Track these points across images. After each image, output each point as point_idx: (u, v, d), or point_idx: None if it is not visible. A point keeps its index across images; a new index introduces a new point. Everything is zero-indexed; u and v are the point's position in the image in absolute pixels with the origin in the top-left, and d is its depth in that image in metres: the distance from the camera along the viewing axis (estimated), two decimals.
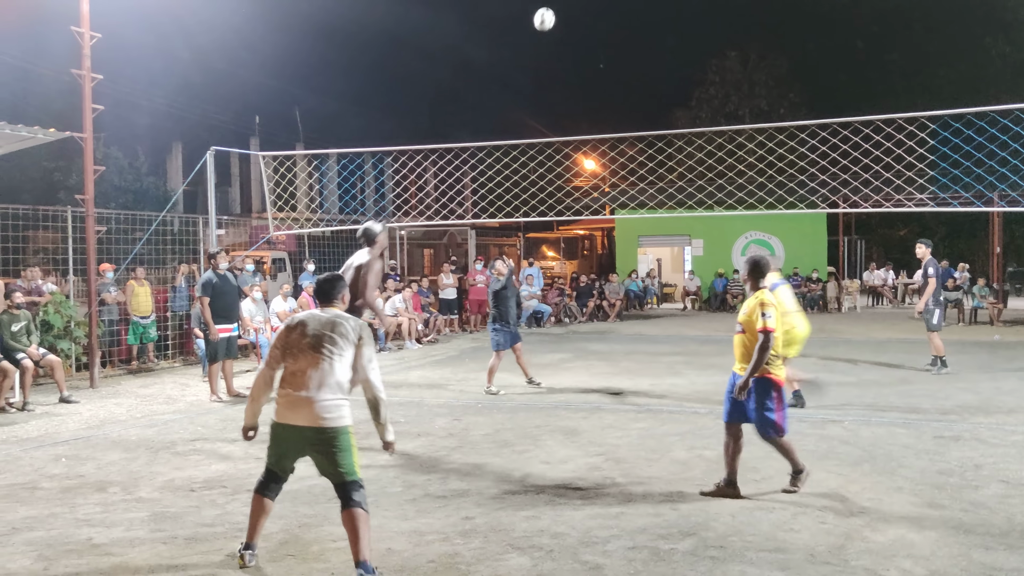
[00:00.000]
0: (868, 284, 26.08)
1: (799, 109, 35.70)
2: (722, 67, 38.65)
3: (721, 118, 36.82)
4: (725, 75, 38.61)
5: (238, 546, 4.80)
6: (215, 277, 10.29)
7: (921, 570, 4.49)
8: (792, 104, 37.21)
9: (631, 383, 11.11)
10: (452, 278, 18.69)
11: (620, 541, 4.99)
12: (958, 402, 9.30)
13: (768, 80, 38.27)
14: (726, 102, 38.40)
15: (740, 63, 38.60)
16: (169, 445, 7.83)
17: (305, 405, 4.58)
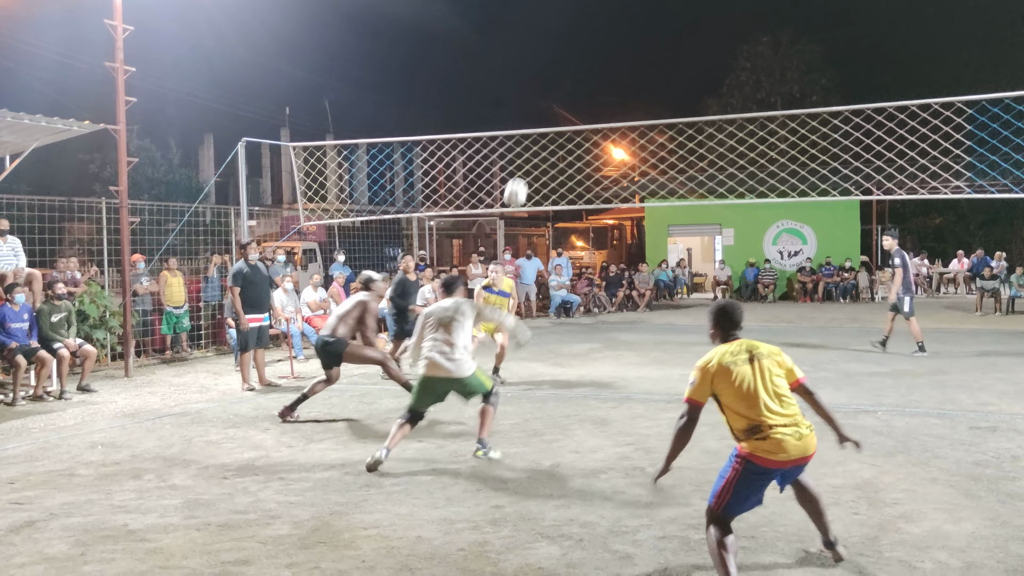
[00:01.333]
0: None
1: (831, 95, 35.19)
2: (753, 53, 38.19)
3: (752, 105, 36.41)
4: (756, 61, 38.14)
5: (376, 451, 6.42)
6: (246, 267, 10.38)
7: (956, 562, 4.43)
8: (824, 90, 36.69)
9: (661, 373, 11.06)
10: (481, 268, 18.70)
11: (650, 531, 4.98)
12: (994, 393, 9.15)
13: (800, 66, 37.75)
14: (757, 88, 37.96)
15: (772, 49, 38.11)
16: (202, 433, 7.92)
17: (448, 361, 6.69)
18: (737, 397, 4.23)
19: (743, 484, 4.17)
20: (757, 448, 4.13)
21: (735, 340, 4.47)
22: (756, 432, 4.15)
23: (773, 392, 4.23)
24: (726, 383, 4.27)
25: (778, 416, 4.15)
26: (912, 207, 35.55)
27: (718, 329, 4.56)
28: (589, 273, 24.37)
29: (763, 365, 4.29)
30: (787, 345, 12.91)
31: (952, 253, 26.61)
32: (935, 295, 24.93)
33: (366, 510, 5.46)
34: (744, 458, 4.18)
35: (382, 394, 9.83)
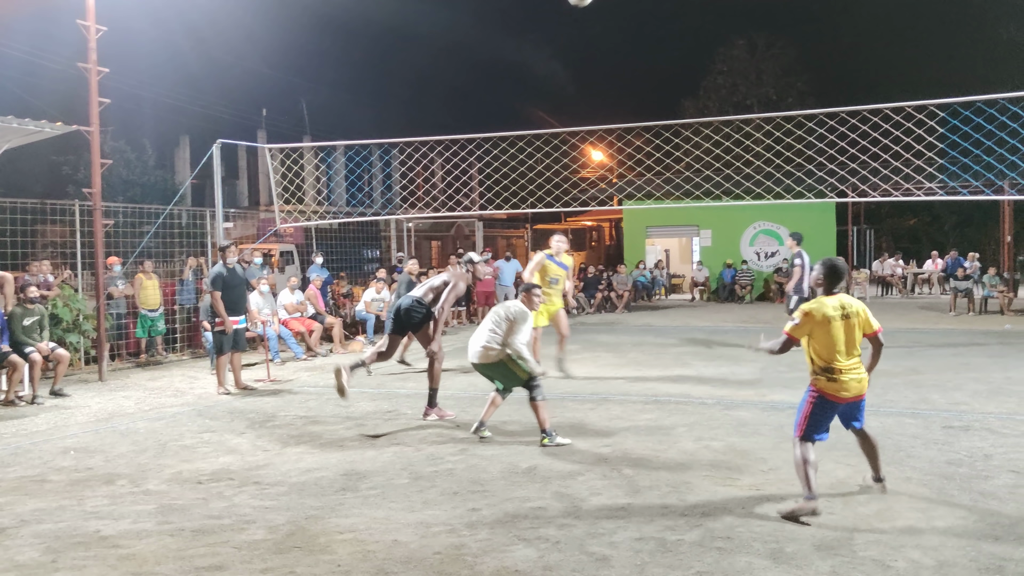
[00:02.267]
0: (877, 274, 25.97)
1: (807, 98, 35.54)
2: (730, 56, 38.49)
3: (729, 107, 36.66)
4: (733, 64, 38.45)
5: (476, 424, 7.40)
6: (224, 270, 10.32)
7: (929, 560, 4.47)
8: (800, 93, 37.05)
9: (639, 374, 11.09)
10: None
11: (627, 532, 4.98)
12: (967, 392, 9.25)
13: (776, 69, 38.09)
14: (734, 91, 38.24)
15: (748, 52, 38.42)
16: (177, 438, 7.85)
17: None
18: (823, 343, 5.35)
19: (817, 413, 5.38)
20: (827, 387, 5.35)
21: (835, 295, 5.47)
22: (829, 373, 5.34)
23: (850, 344, 5.39)
24: (820, 331, 5.35)
25: (847, 364, 5.35)
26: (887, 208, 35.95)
27: (826, 283, 5.49)
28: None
29: (851, 323, 5.41)
30: None
31: (926, 254, 26.92)
32: (910, 295, 25.17)
33: (342, 514, 5.43)
34: (817, 393, 5.39)
35: (359, 397, 9.79)
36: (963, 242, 31.06)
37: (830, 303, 5.38)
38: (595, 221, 37.62)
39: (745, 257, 25.45)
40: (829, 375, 5.32)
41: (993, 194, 10.87)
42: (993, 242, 30.41)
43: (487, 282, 19.31)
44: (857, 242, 28.49)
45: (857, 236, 28.70)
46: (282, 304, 13.84)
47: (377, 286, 15.56)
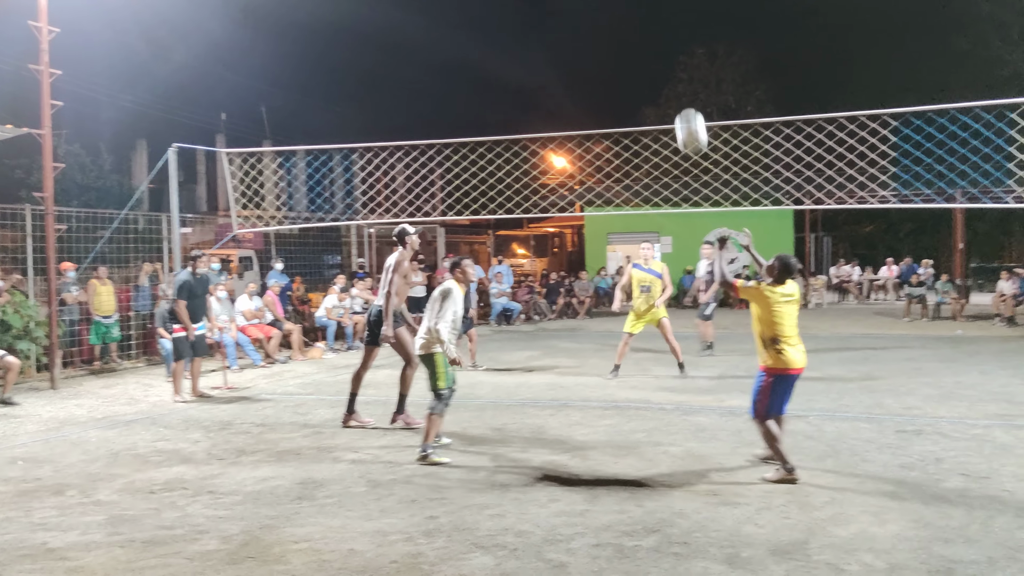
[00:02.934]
0: (835, 280, 26.34)
1: (765, 106, 35.98)
2: (690, 64, 38.85)
3: None
4: (693, 72, 38.81)
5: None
6: (192, 279, 10.23)
7: (882, 564, 4.52)
8: (759, 101, 37.50)
9: (599, 380, 11.13)
10: (421, 276, 18.59)
11: (584, 539, 4.98)
12: (920, 396, 9.41)
13: (735, 77, 38.53)
14: (694, 99, 38.52)
15: (708, 60, 38.82)
16: (130, 446, 7.70)
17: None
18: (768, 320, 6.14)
19: (775, 392, 6.13)
20: (778, 362, 6.08)
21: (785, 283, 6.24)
22: (776, 344, 6.09)
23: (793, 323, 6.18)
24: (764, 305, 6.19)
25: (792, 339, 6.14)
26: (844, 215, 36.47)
27: (778, 275, 6.25)
28: (530, 281, 24.42)
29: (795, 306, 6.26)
30: (722, 352, 13.11)
31: (882, 260, 27.35)
32: (866, 301, 25.55)
33: (297, 523, 5.36)
34: (772, 373, 6.10)
35: (317, 404, 9.70)
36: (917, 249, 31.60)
37: (779, 289, 6.22)
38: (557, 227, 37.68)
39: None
40: (777, 347, 6.08)
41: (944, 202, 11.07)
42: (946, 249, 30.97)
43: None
44: (815, 249, 28.91)
45: (815, 243, 29.12)
46: (240, 310, 13.66)
47: (340, 295, 15.43)
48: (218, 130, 37.71)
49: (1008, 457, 6.67)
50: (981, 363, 12.08)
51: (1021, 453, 6.79)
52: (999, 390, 9.77)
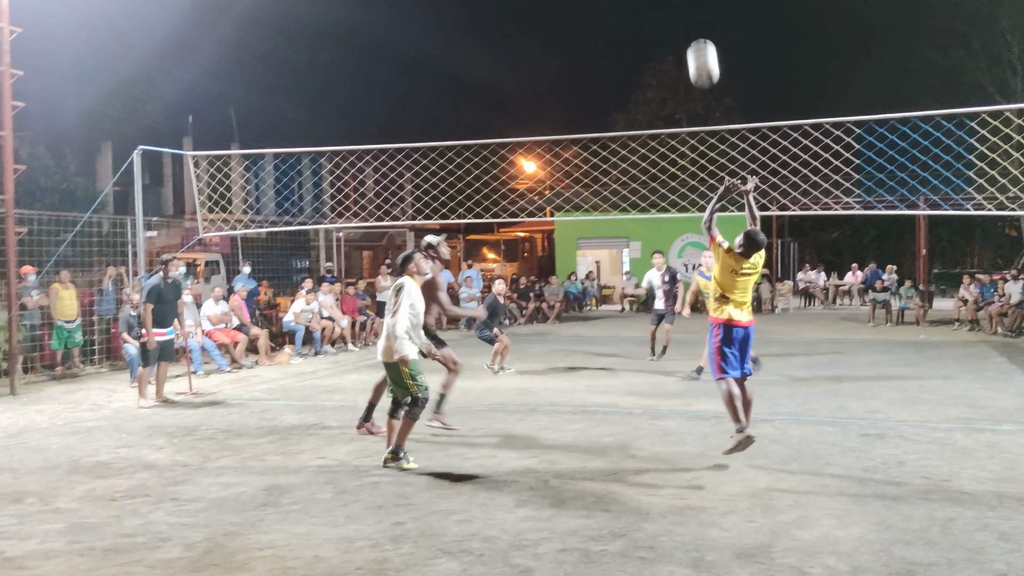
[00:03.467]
0: (801, 285, 26.63)
1: (733, 113, 36.34)
2: (659, 71, 39.15)
3: (658, 121, 37.27)
4: (662, 79, 39.12)
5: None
6: (162, 283, 10.13)
7: (844, 566, 4.57)
8: (727, 108, 37.86)
9: (568, 384, 11.14)
10: (390, 280, 18.54)
11: (551, 544, 4.98)
12: (883, 401, 9.53)
13: None
14: (663, 105, 38.92)
15: (677, 67, 39.10)
16: (91, 453, 7.58)
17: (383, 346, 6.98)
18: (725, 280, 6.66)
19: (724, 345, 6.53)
20: (723, 314, 6.58)
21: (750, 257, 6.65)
22: (724, 300, 6.62)
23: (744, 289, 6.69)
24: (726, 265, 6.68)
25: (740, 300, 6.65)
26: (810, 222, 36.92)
27: (744, 248, 6.67)
28: None
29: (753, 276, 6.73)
30: (692, 357, 13.21)
31: (847, 266, 27.71)
32: (831, 306, 25.87)
33: (262, 530, 5.31)
34: (719, 324, 6.57)
35: (284, 410, 9.62)
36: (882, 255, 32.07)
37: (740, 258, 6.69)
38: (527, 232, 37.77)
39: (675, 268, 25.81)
40: (723, 302, 6.62)
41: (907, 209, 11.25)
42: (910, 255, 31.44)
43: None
44: (781, 254, 29.20)
45: (781, 248, 29.42)
46: (206, 315, 13.53)
47: (308, 297, 15.33)
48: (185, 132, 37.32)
49: (968, 460, 6.78)
50: (943, 368, 12.27)
51: (981, 456, 6.91)
52: (960, 394, 9.93)
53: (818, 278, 26.73)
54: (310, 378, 12.35)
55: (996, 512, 5.44)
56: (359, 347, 16.17)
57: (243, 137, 38.18)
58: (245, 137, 37.84)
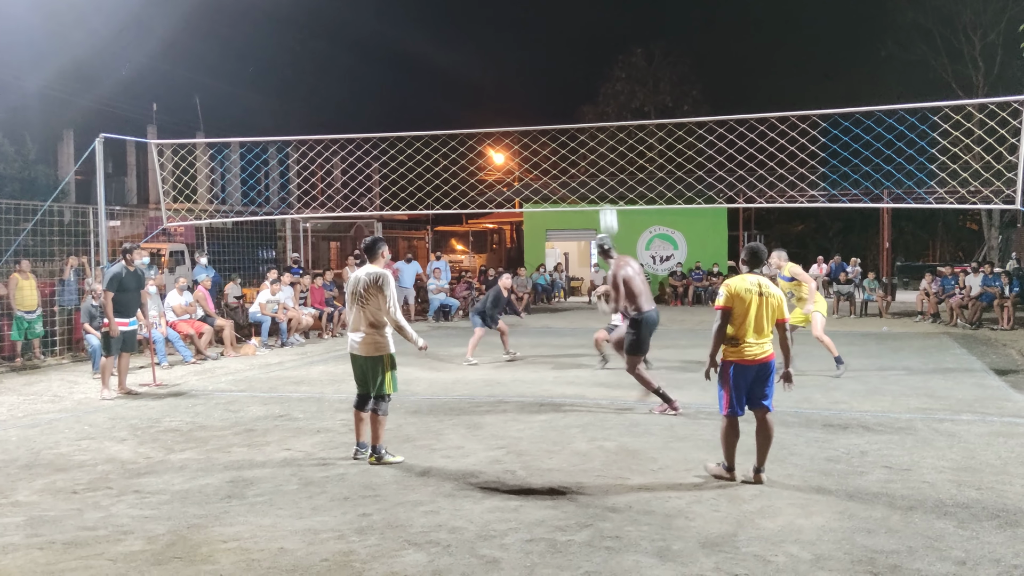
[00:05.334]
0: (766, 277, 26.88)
1: (701, 106, 36.55)
2: (629, 64, 39.25)
3: (627, 114, 37.37)
4: (631, 72, 39.22)
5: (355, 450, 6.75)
6: (124, 272, 9.97)
7: (807, 555, 4.62)
8: (695, 101, 38.08)
9: (536, 376, 11.16)
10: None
11: (518, 534, 4.98)
12: (847, 391, 9.66)
13: (672, 77, 39.05)
14: (632, 98, 39.01)
15: (646, 60, 39.28)
16: (52, 445, 7.46)
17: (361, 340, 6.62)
18: (736, 315, 5.98)
19: (735, 383, 6.00)
20: (734, 354, 5.99)
21: (755, 275, 6.12)
22: (735, 342, 5.98)
23: (760, 321, 5.98)
24: (737, 304, 5.98)
25: (753, 339, 5.97)
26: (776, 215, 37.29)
27: (746, 264, 6.22)
28: (468, 277, 24.40)
29: (767, 302, 6.00)
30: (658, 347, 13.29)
31: (813, 259, 28.02)
32: None
33: (226, 522, 5.26)
34: (729, 364, 6.01)
35: (250, 401, 9.53)
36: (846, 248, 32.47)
37: (747, 281, 6.07)
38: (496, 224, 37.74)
39: (641, 261, 25.93)
40: (735, 344, 5.99)
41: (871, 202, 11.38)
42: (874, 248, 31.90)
43: None
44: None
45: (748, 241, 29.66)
46: (170, 306, 13.36)
47: (273, 288, 15.20)
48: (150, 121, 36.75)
49: (928, 450, 6.89)
50: (905, 359, 12.46)
51: (941, 446, 7.02)
52: (921, 385, 10.09)
53: None
54: (276, 369, 12.25)
55: (955, 500, 5.54)
56: (328, 337, 16.05)
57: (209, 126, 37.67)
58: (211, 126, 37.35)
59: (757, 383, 6.03)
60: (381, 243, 6.79)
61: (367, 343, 6.55)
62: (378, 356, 6.55)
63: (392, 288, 6.56)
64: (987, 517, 5.20)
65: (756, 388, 6.03)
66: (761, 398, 6.04)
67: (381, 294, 6.49)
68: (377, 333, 6.53)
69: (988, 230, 29.46)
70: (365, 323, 6.55)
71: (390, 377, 6.59)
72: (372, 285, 6.53)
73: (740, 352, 5.95)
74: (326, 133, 12.66)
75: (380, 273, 6.59)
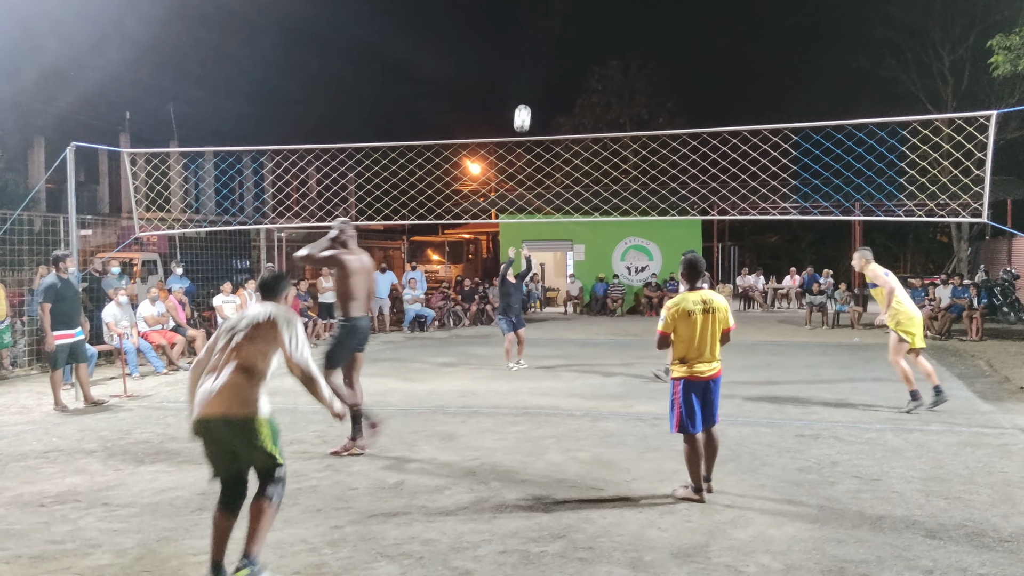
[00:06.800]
0: (740, 288, 27.08)
1: (677, 118, 36.73)
2: (604, 75, 39.46)
3: (603, 125, 37.56)
4: (607, 83, 39.42)
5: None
6: (58, 281, 9.79)
7: (778, 565, 4.66)
8: (670, 113, 38.31)
9: (511, 386, 11.16)
10: (331, 282, 18.35)
11: (491, 545, 4.98)
12: (818, 402, 9.74)
13: (648, 88, 39.31)
14: (608, 110, 39.22)
15: (622, 72, 39.50)
16: (19, 458, 7.36)
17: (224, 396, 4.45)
18: (683, 336, 5.84)
19: (685, 400, 5.82)
20: (684, 372, 5.85)
21: (698, 290, 5.96)
22: (683, 362, 5.86)
23: (705, 338, 5.83)
24: (683, 324, 5.83)
25: (700, 359, 5.84)
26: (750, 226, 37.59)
27: (686, 280, 6.03)
28: (444, 287, 24.37)
29: (713, 318, 5.86)
30: (634, 358, 13.35)
31: (786, 270, 28.26)
32: (770, 309, 26.35)
33: (197, 535, 5.21)
34: (679, 381, 5.86)
35: None
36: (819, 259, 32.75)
37: (691, 298, 5.90)
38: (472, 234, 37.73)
39: (616, 272, 26.06)
40: (683, 363, 5.87)
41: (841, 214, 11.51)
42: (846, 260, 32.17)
43: None
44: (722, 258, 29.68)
45: (722, 252, 29.90)
46: (142, 316, 13.22)
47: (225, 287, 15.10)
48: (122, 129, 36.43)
49: (898, 460, 6.96)
50: (875, 370, 12.57)
51: (910, 456, 7.10)
52: (891, 395, 10.19)
53: (757, 282, 27.20)
54: None
55: (923, 510, 5.61)
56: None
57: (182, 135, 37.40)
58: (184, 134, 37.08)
59: (706, 400, 5.91)
60: (285, 282, 5.03)
61: (229, 395, 4.40)
62: (246, 417, 4.42)
63: (300, 329, 4.73)
64: (954, 526, 5.27)
65: (706, 406, 5.91)
66: (710, 416, 5.95)
67: (276, 336, 4.59)
68: (248, 384, 4.47)
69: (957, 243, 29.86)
70: (233, 368, 4.48)
71: (270, 440, 4.50)
72: (266, 323, 4.61)
73: (690, 369, 5.85)
74: (303, 142, 12.63)
75: (283, 310, 4.78)
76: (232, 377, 4.44)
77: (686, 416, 5.84)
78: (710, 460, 5.99)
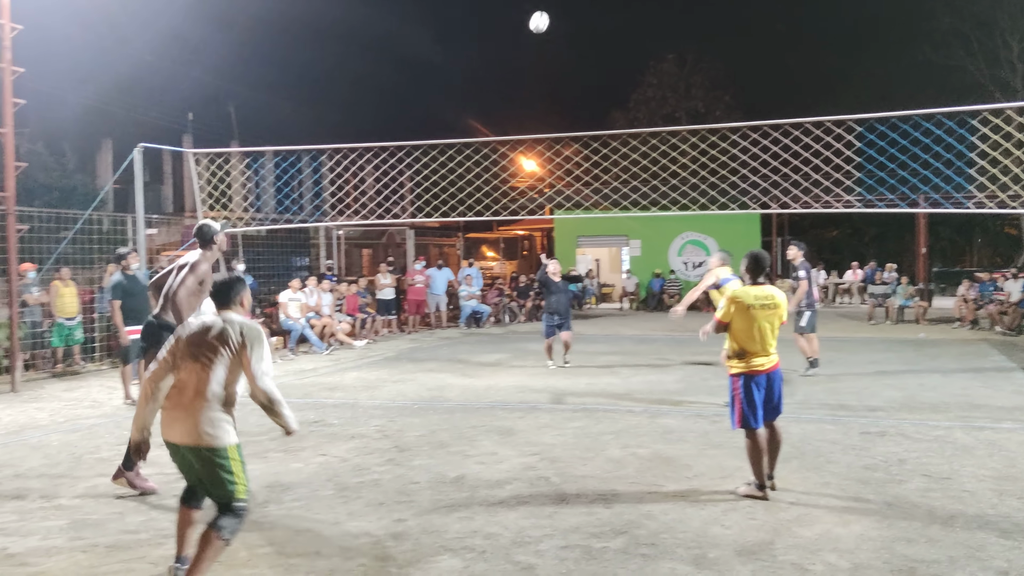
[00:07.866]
0: None
1: (734, 112, 36.27)
2: (660, 70, 39.09)
3: (658, 119, 37.20)
4: (663, 78, 39.05)
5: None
6: (124, 279, 10.09)
7: (846, 563, 4.58)
8: (727, 106, 37.79)
9: (568, 382, 11.14)
10: (390, 278, 18.54)
11: (553, 540, 4.99)
12: (884, 399, 9.54)
13: (704, 82, 38.84)
14: (663, 104, 38.84)
15: (677, 66, 39.09)
16: (93, 450, 7.59)
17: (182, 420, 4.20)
18: (741, 328, 5.80)
19: (745, 396, 5.77)
20: (742, 366, 5.81)
21: (760, 285, 5.95)
22: (741, 356, 5.82)
23: (765, 333, 5.81)
24: (741, 317, 5.80)
25: (760, 353, 5.81)
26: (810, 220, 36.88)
27: (750, 273, 6.03)
28: (499, 283, 24.44)
29: (772, 313, 5.84)
30: (691, 354, 13.23)
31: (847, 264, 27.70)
32: (831, 305, 25.88)
33: (264, 527, 5.32)
34: (738, 376, 5.81)
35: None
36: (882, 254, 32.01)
37: (755, 292, 5.89)
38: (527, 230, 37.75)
39: (673, 267, 25.85)
40: (741, 356, 5.84)
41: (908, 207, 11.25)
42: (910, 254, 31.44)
43: (418, 290, 19.22)
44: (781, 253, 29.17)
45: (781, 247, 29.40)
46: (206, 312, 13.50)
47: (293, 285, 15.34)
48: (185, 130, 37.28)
49: (968, 458, 6.79)
50: (942, 366, 12.28)
51: (981, 454, 6.92)
52: (959, 392, 9.94)
53: (818, 276, 26.74)
54: (310, 375, 12.35)
55: (996, 510, 5.46)
56: (363, 343, 16.14)
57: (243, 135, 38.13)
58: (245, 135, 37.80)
59: (769, 393, 5.86)
60: (240, 285, 4.51)
61: (191, 423, 4.19)
62: (213, 448, 4.20)
63: (266, 347, 4.36)
64: None
65: (768, 399, 5.85)
66: (772, 409, 5.89)
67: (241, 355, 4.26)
68: (211, 408, 4.23)
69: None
70: (193, 392, 4.22)
71: (240, 472, 4.27)
72: (230, 340, 4.25)
73: (748, 364, 5.81)
74: (359, 141, 12.77)
75: (249, 324, 4.36)
76: (190, 407, 4.20)
77: (747, 411, 5.78)
78: (773, 457, 5.91)
